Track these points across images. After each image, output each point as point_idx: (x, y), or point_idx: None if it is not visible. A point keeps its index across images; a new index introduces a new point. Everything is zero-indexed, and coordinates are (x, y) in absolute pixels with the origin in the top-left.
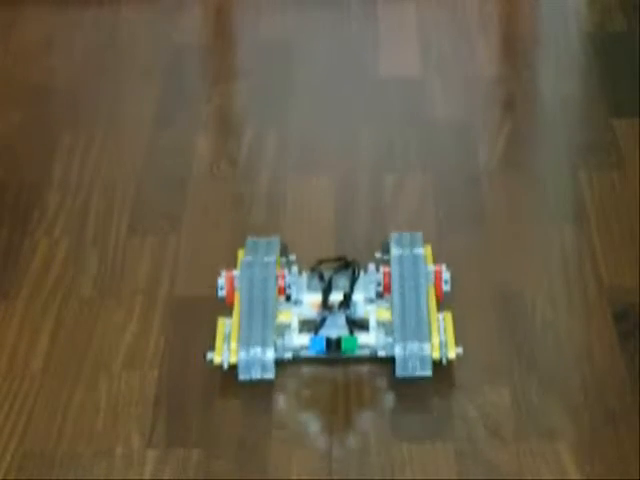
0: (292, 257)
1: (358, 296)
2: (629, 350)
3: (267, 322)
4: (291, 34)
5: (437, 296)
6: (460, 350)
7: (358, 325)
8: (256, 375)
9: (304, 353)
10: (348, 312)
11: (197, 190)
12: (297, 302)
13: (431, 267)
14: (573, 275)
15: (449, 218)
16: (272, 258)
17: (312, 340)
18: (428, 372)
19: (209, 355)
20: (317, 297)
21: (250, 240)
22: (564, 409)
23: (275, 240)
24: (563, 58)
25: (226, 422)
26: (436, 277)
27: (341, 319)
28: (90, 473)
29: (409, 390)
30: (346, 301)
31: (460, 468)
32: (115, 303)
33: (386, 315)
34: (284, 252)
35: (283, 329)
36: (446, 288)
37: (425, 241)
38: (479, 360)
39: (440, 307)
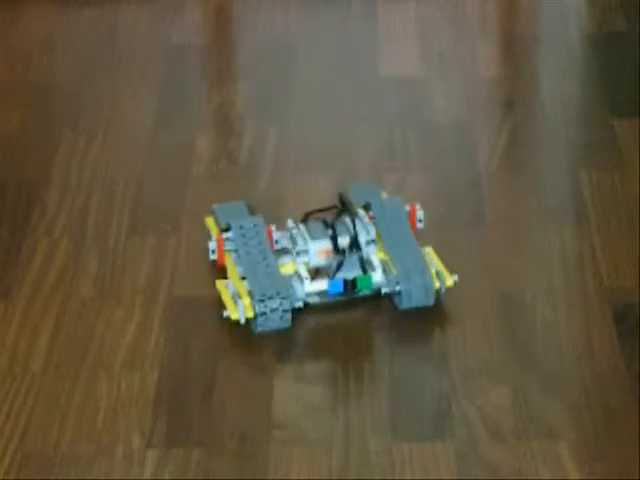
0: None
1: (362, 239)
2: (629, 350)
3: (274, 275)
4: (291, 34)
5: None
6: (456, 277)
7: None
8: (273, 325)
9: (313, 300)
10: (360, 253)
11: (197, 190)
12: (300, 252)
13: (406, 207)
14: (573, 275)
15: (449, 218)
16: (259, 217)
17: (330, 283)
18: (431, 301)
19: (225, 313)
20: (323, 244)
21: (218, 206)
22: (564, 409)
23: (241, 204)
24: (563, 58)
25: (226, 422)
26: (413, 217)
27: (352, 261)
28: (90, 473)
29: (409, 390)
30: (356, 243)
31: (460, 468)
32: (115, 303)
33: (381, 256)
34: (252, 213)
35: (288, 280)
36: (420, 226)
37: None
38: (479, 360)
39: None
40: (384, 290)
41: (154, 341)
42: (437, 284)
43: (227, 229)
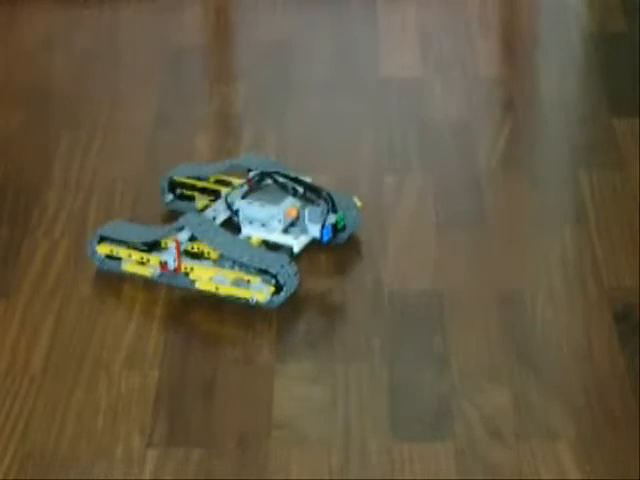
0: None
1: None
2: (629, 350)
3: (257, 249)
4: (291, 34)
5: None
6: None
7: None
8: (292, 290)
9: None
10: (326, 196)
11: None
12: (265, 223)
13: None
14: (573, 275)
15: (449, 218)
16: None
17: (324, 232)
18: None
19: (253, 298)
20: (288, 204)
21: (104, 229)
22: (564, 409)
23: (121, 221)
24: (563, 58)
25: (226, 422)
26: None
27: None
28: (90, 473)
29: (409, 390)
30: (314, 189)
31: (460, 468)
32: (115, 303)
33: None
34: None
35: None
36: None
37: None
38: (479, 360)
39: None
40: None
41: (154, 341)
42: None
43: (179, 229)
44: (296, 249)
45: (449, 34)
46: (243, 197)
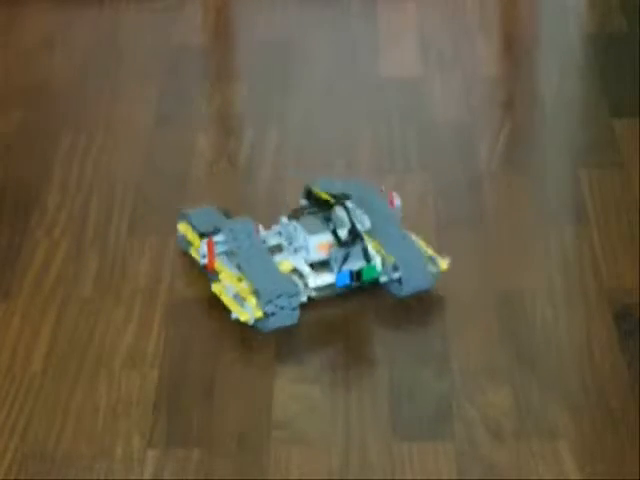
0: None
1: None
2: (629, 350)
3: (276, 273)
4: (291, 34)
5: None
6: (449, 260)
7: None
8: (283, 323)
9: (317, 294)
10: (362, 243)
11: (197, 190)
12: (298, 249)
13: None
14: (573, 275)
15: (449, 218)
16: (247, 218)
17: (338, 276)
18: (430, 285)
19: (233, 315)
20: (323, 238)
21: (192, 212)
22: (564, 409)
23: (212, 208)
24: (563, 58)
25: (226, 422)
26: (392, 202)
27: (353, 252)
28: (90, 473)
29: (409, 390)
30: (356, 234)
31: (460, 468)
32: (115, 303)
33: (377, 246)
34: (228, 217)
35: (290, 277)
36: (398, 202)
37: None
38: (479, 360)
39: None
40: (383, 279)
41: (154, 341)
42: (433, 268)
43: (214, 232)
44: (311, 284)
45: (449, 34)
46: (292, 217)
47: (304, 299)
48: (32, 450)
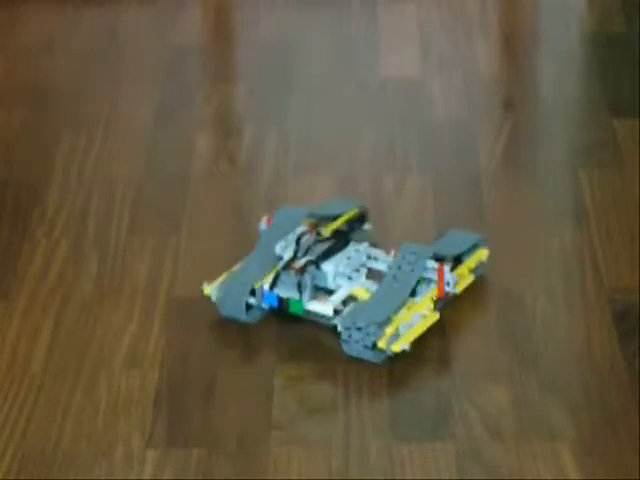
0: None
1: (330, 267)
2: (629, 350)
3: (258, 270)
4: (291, 34)
5: (438, 296)
6: (406, 347)
7: (324, 292)
8: (236, 315)
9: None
10: (305, 277)
11: (197, 190)
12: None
13: (433, 263)
14: (573, 275)
15: (449, 218)
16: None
17: (266, 295)
18: (372, 358)
19: (204, 285)
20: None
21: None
22: (564, 409)
23: (302, 210)
24: (563, 58)
25: (226, 422)
26: (439, 275)
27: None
28: (90, 473)
29: (409, 390)
30: (305, 267)
31: (460, 468)
32: (115, 303)
33: (364, 295)
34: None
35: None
36: (449, 289)
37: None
38: (479, 360)
39: (437, 307)
40: (334, 322)
41: (154, 341)
42: (381, 342)
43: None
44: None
45: (449, 34)
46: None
47: (265, 306)
48: (32, 450)
